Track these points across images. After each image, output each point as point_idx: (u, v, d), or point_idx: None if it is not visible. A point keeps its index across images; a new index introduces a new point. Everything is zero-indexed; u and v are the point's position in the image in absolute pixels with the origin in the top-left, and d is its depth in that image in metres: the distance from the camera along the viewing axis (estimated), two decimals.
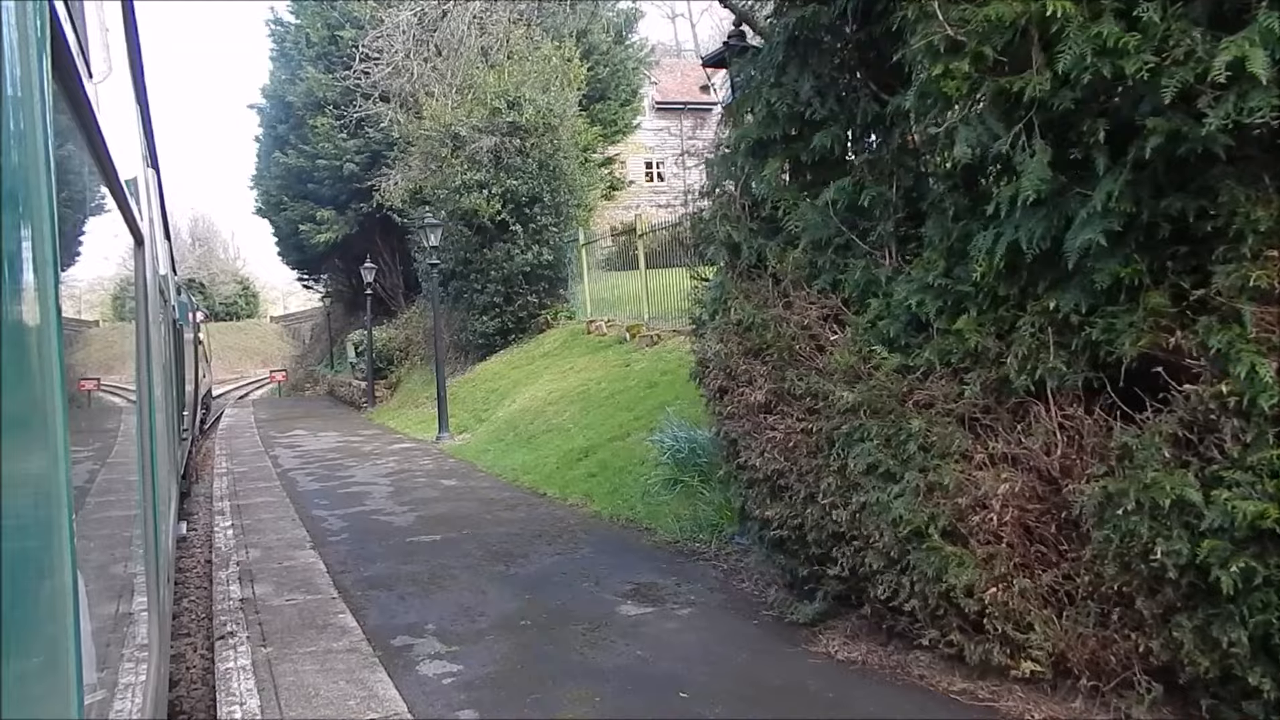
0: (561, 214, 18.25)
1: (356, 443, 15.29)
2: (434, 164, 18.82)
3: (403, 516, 8.62)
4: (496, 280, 17.99)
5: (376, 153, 23.60)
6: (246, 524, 8.63)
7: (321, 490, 10.50)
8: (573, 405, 12.51)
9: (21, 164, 0.89)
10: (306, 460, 13.40)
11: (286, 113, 26.00)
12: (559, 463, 10.34)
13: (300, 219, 25.17)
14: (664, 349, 13.15)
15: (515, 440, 12.45)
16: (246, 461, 13.58)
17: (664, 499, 7.82)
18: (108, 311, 2.17)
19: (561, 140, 18.08)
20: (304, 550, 7.38)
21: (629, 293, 16.17)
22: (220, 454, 15.04)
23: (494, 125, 17.70)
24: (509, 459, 11.48)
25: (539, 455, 10.99)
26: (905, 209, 4.21)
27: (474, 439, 13.96)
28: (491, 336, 18.34)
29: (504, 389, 15.78)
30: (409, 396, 20.26)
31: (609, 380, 12.80)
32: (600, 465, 9.59)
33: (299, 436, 16.94)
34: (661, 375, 11.78)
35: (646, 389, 11.57)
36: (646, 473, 8.72)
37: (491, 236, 18.03)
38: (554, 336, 17.33)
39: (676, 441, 8.13)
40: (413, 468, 11.86)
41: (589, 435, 10.82)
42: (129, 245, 2.54)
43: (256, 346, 68.40)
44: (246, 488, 10.96)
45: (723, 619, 5.20)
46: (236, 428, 19.55)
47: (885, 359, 4.07)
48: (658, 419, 10.13)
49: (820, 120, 4.51)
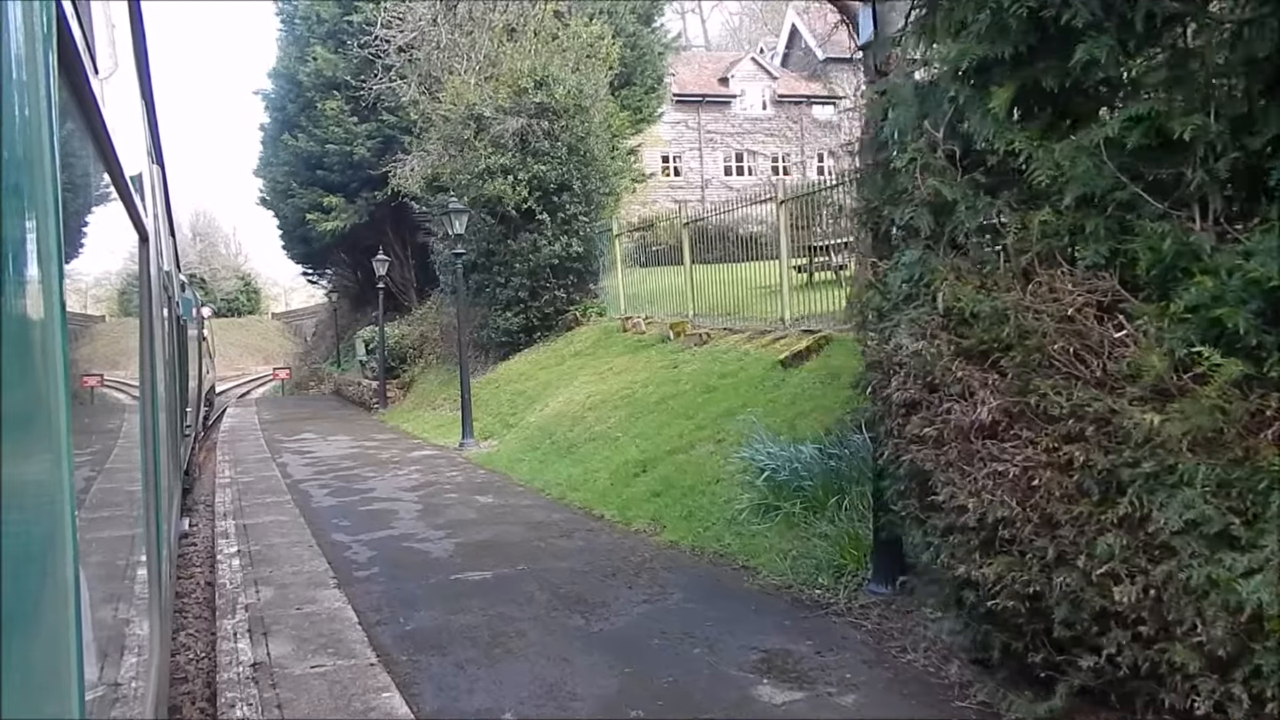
0: (592, 203, 16.92)
1: (372, 449, 13.97)
2: (454, 148, 17.49)
3: (440, 544, 7.30)
4: (521, 273, 16.66)
5: (390, 138, 22.30)
6: (255, 550, 7.31)
7: (339, 507, 9.18)
8: (617, 411, 11.19)
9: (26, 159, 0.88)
10: (319, 469, 12.07)
11: (295, 93, 24.68)
12: (612, 478, 9.02)
13: (308, 206, 23.84)
14: (715, 349, 11.83)
15: (553, 450, 11.13)
16: (252, 469, 12.25)
17: (758, 529, 6.50)
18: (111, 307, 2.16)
19: (593, 123, 16.75)
20: (327, 589, 6.06)
21: (669, 287, 14.85)
22: (223, 459, 13.72)
23: (521, 106, 16.37)
24: (550, 472, 10.15)
25: (586, 469, 9.66)
26: (1235, 145, 2.88)
27: (503, 447, 12.64)
28: (515, 334, 17.01)
29: (532, 391, 14.46)
30: (424, 398, 18.94)
31: (656, 383, 11.48)
32: (663, 483, 8.26)
33: (308, 441, 15.61)
34: (719, 379, 10.46)
35: (703, 394, 10.25)
36: (727, 494, 7.41)
37: (516, 226, 16.70)
38: (585, 334, 16.00)
39: (771, 459, 6.81)
40: (440, 480, 10.54)
41: (643, 446, 9.50)
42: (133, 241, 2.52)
43: (258, 343, 67.31)
44: (253, 502, 9.64)
45: (903, 711, 3.87)
46: (240, 430, 18.22)
47: (1218, 366, 2.74)
48: (725, 428, 8.84)
49: (1081, 27, 3.18)
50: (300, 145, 23.92)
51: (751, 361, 10.58)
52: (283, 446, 14.86)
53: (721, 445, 8.51)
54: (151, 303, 2.96)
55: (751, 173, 40.36)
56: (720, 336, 12.34)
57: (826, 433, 7.53)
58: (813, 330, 10.69)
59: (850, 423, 7.34)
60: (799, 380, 9.08)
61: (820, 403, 8.22)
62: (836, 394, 8.15)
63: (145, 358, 2.67)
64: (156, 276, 3.27)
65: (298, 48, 25.28)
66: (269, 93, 27.82)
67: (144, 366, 2.66)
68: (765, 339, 11.20)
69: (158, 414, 3.07)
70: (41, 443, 0.93)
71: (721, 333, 12.47)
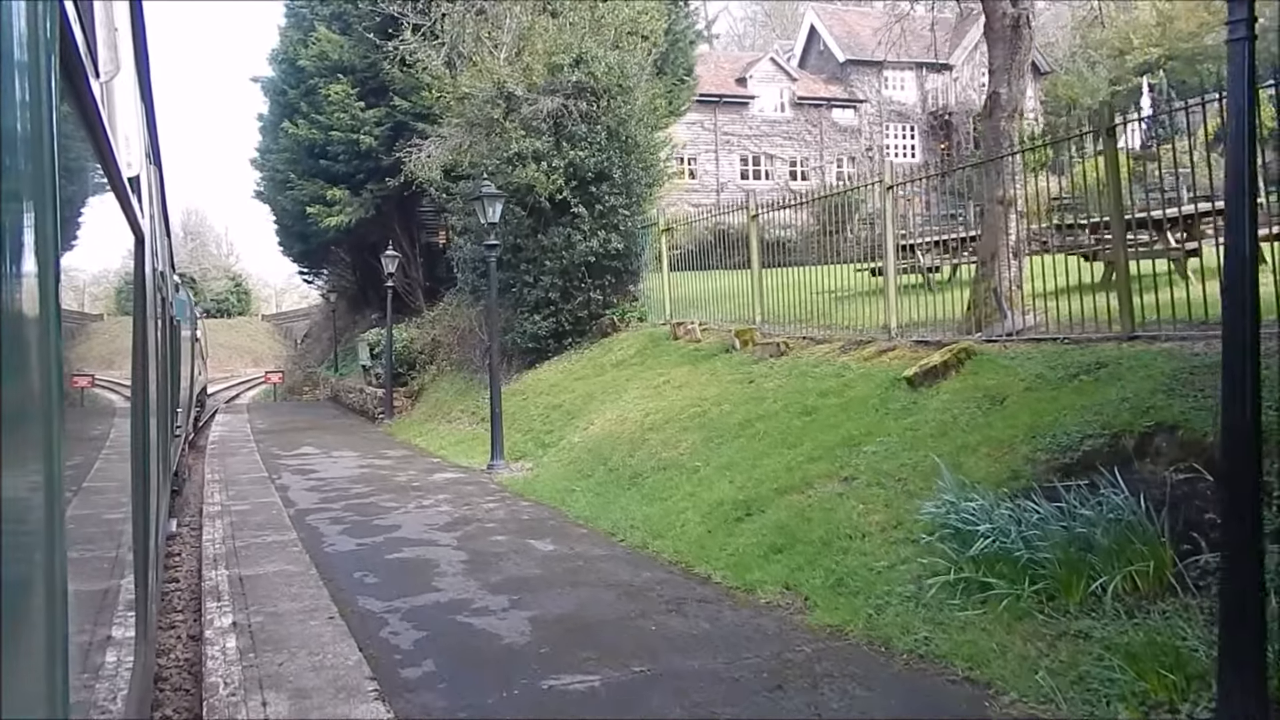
0: (633, 194, 15.10)
1: (385, 468, 12.08)
2: (480, 130, 15.65)
3: (508, 619, 5.43)
4: (552, 272, 14.80)
5: (401, 125, 20.44)
6: (258, 624, 5.43)
7: (361, 554, 7.30)
8: (688, 433, 9.35)
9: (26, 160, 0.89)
10: (326, 495, 10.17)
11: (297, 78, 22.82)
12: (706, 522, 7.18)
13: (309, 199, 21.91)
14: (800, 361, 10.02)
15: (612, 480, 9.27)
16: (247, 494, 10.34)
17: (965, 617, 4.66)
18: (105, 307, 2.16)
19: (635, 105, 14.94)
20: (365, 703, 4.18)
21: (727, 289, 13.06)
22: (212, 478, 11.80)
23: (556, 84, 14.56)
24: (616, 509, 8.30)
25: (666, 508, 7.81)
26: None
27: (542, 471, 10.77)
28: (544, 340, 15.14)
29: (570, 405, 12.59)
30: (437, 408, 17.03)
31: (733, 401, 9.65)
32: (781, 533, 6.43)
33: (309, 456, 13.70)
34: (819, 398, 8.64)
35: (802, 416, 8.43)
36: (884, 555, 5.58)
37: (547, 219, 14.86)
38: (626, 341, 14.15)
39: (972, 517, 4.97)
40: (477, 515, 8.67)
41: (738, 481, 7.66)
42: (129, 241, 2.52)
43: (247, 345, 65.49)
44: (251, 542, 7.75)
45: None
46: (230, 441, 16.27)
47: None
48: (850, 462, 7.03)
49: None
50: (302, 133, 22.03)
51: (857, 378, 8.76)
52: (281, 464, 12.95)
53: (852, 486, 6.68)
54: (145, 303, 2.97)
55: (769, 176, 38.69)
56: (802, 347, 10.53)
57: (1013, 477, 5.72)
58: (927, 341, 8.89)
59: (1055, 465, 5.54)
60: (941, 403, 7.26)
61: (988, 434, 6.40)
62: (1011, 423, 6.34)
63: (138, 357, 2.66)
64: (151, 277, 3.27)
65: (300, 30, 23.45)
66: (267, 80, 25.95)
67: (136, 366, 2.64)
68: (866, 350, 9.39)
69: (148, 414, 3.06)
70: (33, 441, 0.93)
71: (802, 342, 10.66)
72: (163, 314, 5.16)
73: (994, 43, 9.35)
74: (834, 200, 11.50)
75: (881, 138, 41.33)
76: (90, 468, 1.70)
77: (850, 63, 41.31)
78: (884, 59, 40.92)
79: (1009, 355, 7.59)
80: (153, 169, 3.97)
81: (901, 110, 42.04)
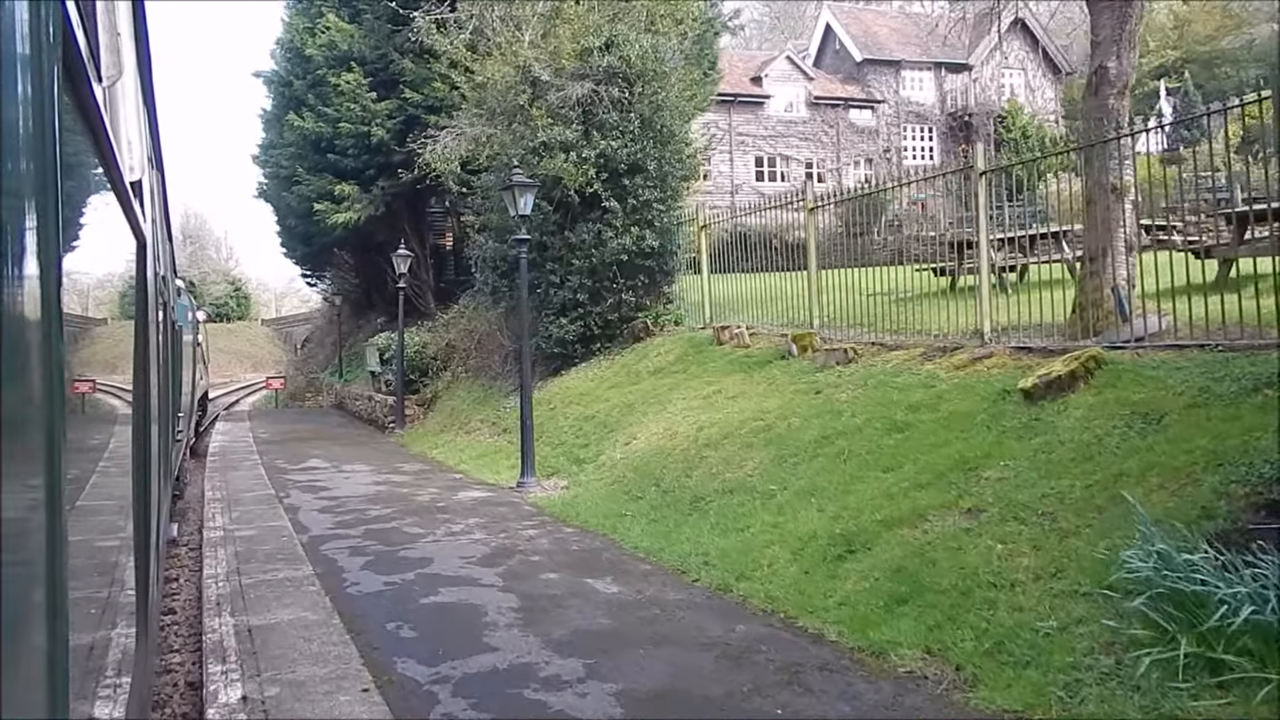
0: (667, 188, 14.01)
1: (403, 485, 10.97)
2: (501, 120, 14.58)
3: (589, 698, 4.32)
4: (581, 271, 13.71)
5: (413, 118, 19.37)
6: (271, 700, 4.32)
7: (390, 596, 6.19)
8: (753, 451, 8.26)
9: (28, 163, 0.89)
10: (341, 517, 9.06)
11: (304, 69, 21.75)
12: (798, 559, 6.08)
13: (315, 195, 20.79)
14: (874, 369, 8.94)
15: (668, 503, 8.17)
16: (252, 516, 9.23)
17: (1205, 709, 3.56)
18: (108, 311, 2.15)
19: (671, 93, 13.86)
20: None
21: (777, 291, 11.97)
22: (213, 495, 10.70)
23: (585, 69, 13.49)
24: (679, 538, 7.20)
25: (744, 539, 6.71)
26: None
27: (582, 491, 9.67)
28: (570, 345, 14.03)
29: (606, 417, 11.49)
30: (454, 418, 15.91)
31: (802, 415, 8.55)
32: (900, 577, 5.34)
33: (319, 471, 12.59)
34: (909, 412, 7.55)
35: (891, 433, 7.34)
36: (1047, 611, 4.49)
37: (575, 215, 13.78)
38: (662, 347, 13.06)
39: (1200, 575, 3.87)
40: (518, 544, 7.57)
41: (829, 509, 6.57)
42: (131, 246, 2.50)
43: (247, 350, 64.59)
44: (259, 579, 6.64)
45: None
46: (232, 452, 15.15)
47: None
48: (970, 490, 5.97)
49: None
50: (308, 126, 20.93)
51: (951, 389, 7.67)
52: (288, 479, 11.84)
53: (981, 520, 5.59)
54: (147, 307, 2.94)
55: (784, 178, 37.64)
56: (872, 353, 9.44)
57: (1205, 515, 4.63)
58: (1029, 347, 7.81)
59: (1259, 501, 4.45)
60: (1076, 421, 6.16)
61: (1150, 460, 5.30)
62: (1182, 448, 5.24)
63: (139, 362, 2.67)
64: (153, 282, 3.26)
65: (307, 18, 22.38)
66: (269, 74, 24.87)
67: (138, 371, 2.65)
68: (955, 358, 8.30)
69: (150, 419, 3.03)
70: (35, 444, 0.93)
71: (871, 348, 9.57)
72: (164, 319, 5.13)
73: (1099, 11, 8.28)
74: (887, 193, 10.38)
75: (899, 139, 40.35)
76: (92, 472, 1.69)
77: (867, 62, 40.36)
78: (902, 58, 40.17)
79: (1149, 365, 6.49)
80: (155, 173, 3.95)
81: (919, 111, 41.04)
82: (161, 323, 4.52)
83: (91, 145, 1.56)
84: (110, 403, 2.11)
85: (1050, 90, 43.25)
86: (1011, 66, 42.49)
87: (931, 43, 41.86)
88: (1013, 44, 42.57)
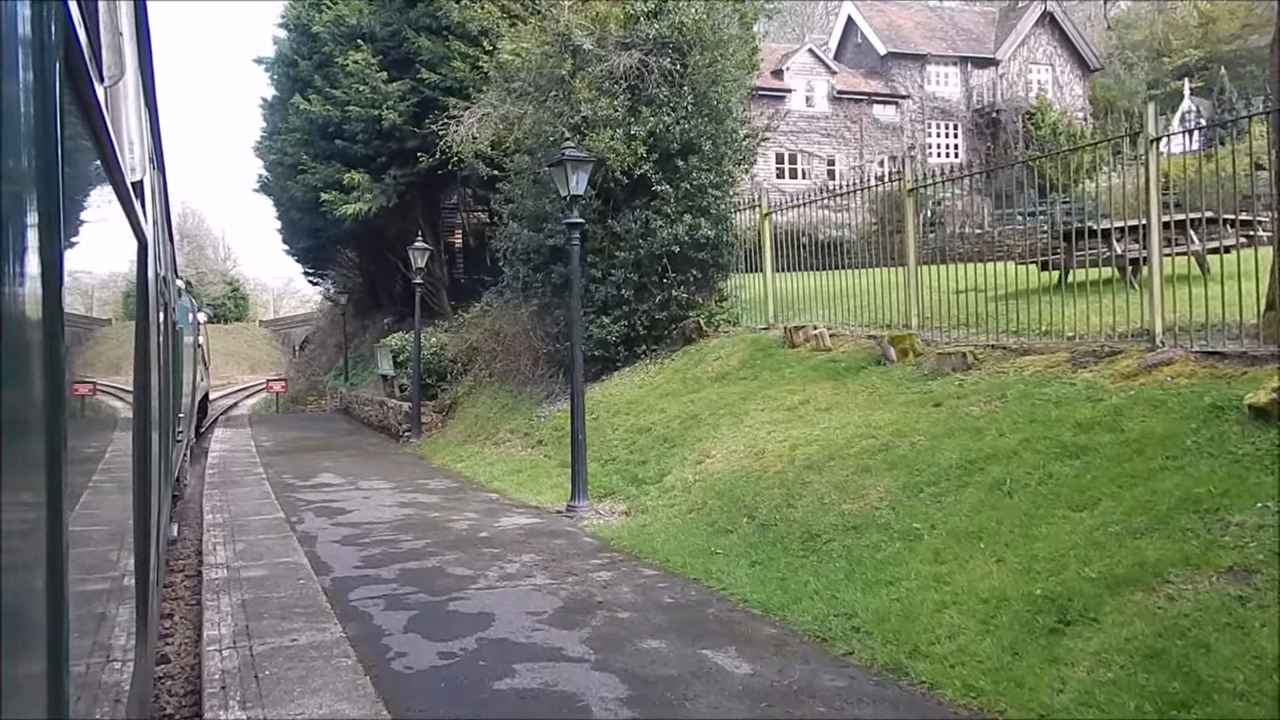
0: (723, 172, 12.55)
1: (433, 508, 9.47)
2: (531, 99, 13.10)
3: None
4: (625, 264, 12.23)
5: (428, 100, 17.87)
6: None
7: (450, 674, 4.68)
8: (873, 476, 6.77)
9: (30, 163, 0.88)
10: (367, 550, 7.56)
11: (310, 47, 20.25)
12: (990, 628, 4.60)
13: (323, 184, 19.27)
14: (1006, 378, 7.48)
15: (770, 540, 6.68)
16: (260, 548, 7.72)
17: None
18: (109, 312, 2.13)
19: (729, 64, 12.40)
20: None
21: (849, 287, 10.50)
22: (214, 520, 9.19)
23: (633, 38, 12.03)
24: (800, 588, 5.70)
25: (898, 597, 5.22)
26: None
27: (649, 519, 8.17)
28: (613, 347, 12.53)
29: (665, 429, 10.00)
30: (478, 427, 14.39)
31: (926, 432, 7.07)
32: (1159, 664, 3.86)
33: (333, 489, 11.08)
34: (1079, 432, 6.08)
35: (1065, 459, 5.88)
36: None
37: (618, 202, 12.31)
38: (721, 349, 11.57)
39: None
40: (593, 592, 6.08)
41: (1010, 558, 5.09)
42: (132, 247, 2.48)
43: (245, 351, 63.40)
44: (275, 647, 5.13)
45: None
46: (233, 464, 13.63)
47: None
48: (1217, 540, 4.48)
49: None
50: (315, 109, 19.43)
51: (1128, 403, 6.19)
52: (298, 499, 10.33)
53: (1255, 585, 4.11)
54: (148, 308, 2.93)
55: (805, 175, 36.20)
56: (996, 358, 7.98)
57: None
58: (1222, 352, 6.34)
59: None
60: None
61: None
62: None
63: (140, 363, 2.64)
64: (153, 283, 3.26)
65: None
66: (271, 60, 23.38)
67: (139, 371, 2.62)
68: (1118, 364, 6.83)
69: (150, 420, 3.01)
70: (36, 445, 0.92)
71: (992, 352, 8.11)
72: (165, 320, 5.07)
73: None
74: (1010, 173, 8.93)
75: (924, 136, 38.99)
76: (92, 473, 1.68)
77: (891, 56, 38.97)
78: (928, 52, 38.78)
79: None
80: (156, 173, 3.89)
81: (945, 107, 39.65)
82: (162, 324, 4.48)
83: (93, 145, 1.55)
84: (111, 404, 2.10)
85: (1078, 86, 41.87)
86: (1039, 61, 41.17)
87: (957, 36, 40.63)
88: (1040, 38, 41.26)
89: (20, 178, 0.84)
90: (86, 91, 1.37)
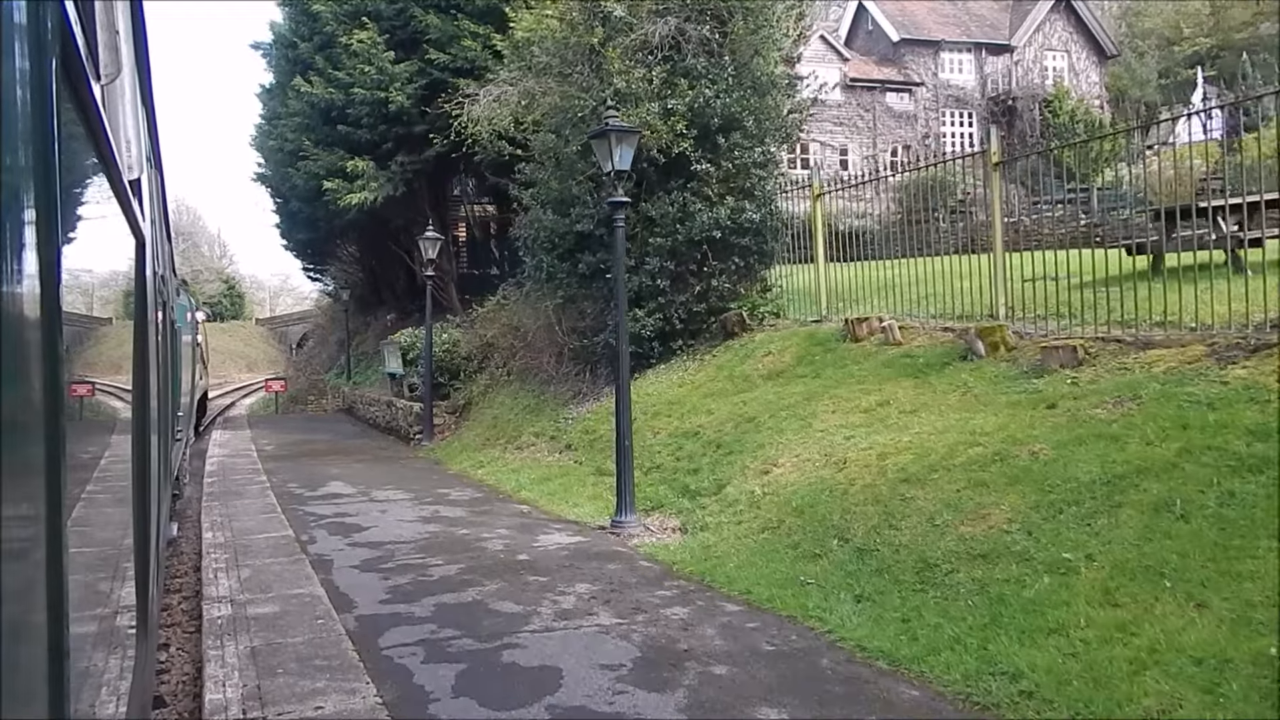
0: (768, 151, 11.50)
1: (460, 523, 8.43)
2: (553, 77, 12.05)
3: None
4: (661, 251, 11.19)
5: (437, 81, 16.83)
6: None
7: None
8: (990, 493, 5.74)
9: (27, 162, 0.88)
10: (393, 579, 6.50)
11: (311, 28, 19.17)
12: (1214, 699, 3.57)
13: (325, 172, 18.18)
14: (1130, 375, 6.48)
15: (873, 568, 5.65)
16: (268, 577, 6.67)
17: None
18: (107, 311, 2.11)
19: (775, 32, 11.35)
20: None
21: (919, 275, 9.46)
22: (214, 539, 8.14)
23: (668, 4, 10.98)
24: (931, 633, 4.67)
25: (1074, 652, 4.19)
26: None
27: (713, 538, 7.14)
28: (647, 341, 11.49)
29: (717, 434, 8.96)
30: (498, 430, 13.34)
31: (1045, 439, 6.04)
32: None
33: (345, 500, 10.03)
34: (1255, 440, 5.04)
35: (1233, 474, 4.87)
36: None
37: (652, 184, 11.27)
38: (770, 344, 10.53)
39: None
40: (675, 637, 5.05)
41: (1217, 604, 4.07)
42: (130, 245, 2.45)
43: (241, 350, 62.50)
44: (292, 714, 4.09)
45: None
46: (234, 471, 12.56)
47: None
48: None
49: None
50: (317, 93, 18.34)
51: None
52: (308, 513, 9.28)
53: None
54: (146, 307, 2.89)
55: (819, 165, 35.16)
56: (1110, 353, 6.96)
57: None
58: None
59: None
60: None
61: None
62: None
63: (138, 362, 2.62)
64: (152, 281, 3.24)
65: None
66: (272, 39, 22.30)
67: (137, 370, 2.61)
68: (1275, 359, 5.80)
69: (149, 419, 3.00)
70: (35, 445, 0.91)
71: (1104, 345, 7.08)
72: (163, 318, 4.98)
73: None
74: None
75: (939, 124, 37.94)
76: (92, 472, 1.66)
77: (905, 42, 37.92)
78: (942, 38, 37.74)
79: None
80: (153, 172, 3.85)
81: (959, 95, 38.59)
82: (161, 322, 4.44)
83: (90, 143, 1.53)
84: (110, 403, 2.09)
85: (1094, 74, 40.81)
86: (1055, 48, 40.14)
87: (971, 22, 39.58)
88: (1055, 24, 40.23)
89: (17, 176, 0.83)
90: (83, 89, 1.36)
